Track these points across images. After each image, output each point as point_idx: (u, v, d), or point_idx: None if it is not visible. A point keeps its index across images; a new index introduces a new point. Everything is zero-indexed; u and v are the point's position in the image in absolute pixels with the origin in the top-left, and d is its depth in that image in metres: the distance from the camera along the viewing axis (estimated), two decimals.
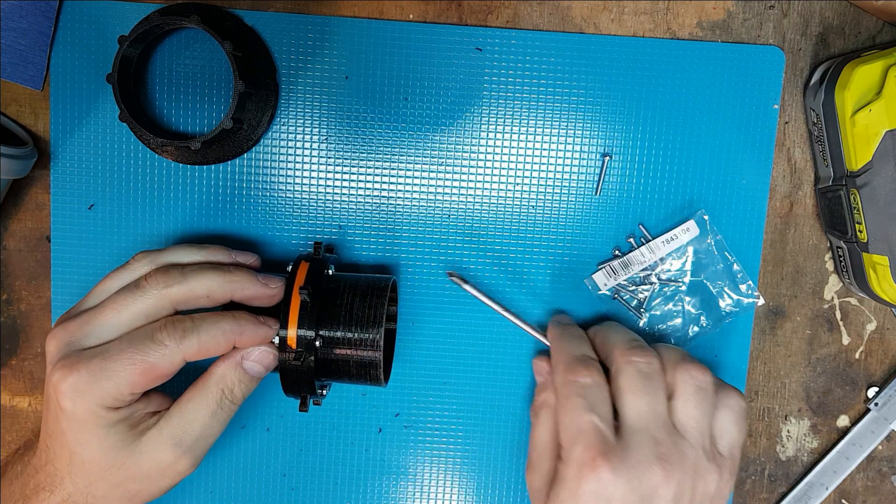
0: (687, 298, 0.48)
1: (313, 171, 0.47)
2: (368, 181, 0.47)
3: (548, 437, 0.41)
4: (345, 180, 0.47)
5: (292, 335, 0.39)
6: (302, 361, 0.39)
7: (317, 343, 0.40)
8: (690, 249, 0.47)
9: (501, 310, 0.44)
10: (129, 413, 0.37)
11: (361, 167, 0.47)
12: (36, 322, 0.48)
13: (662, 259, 0.47)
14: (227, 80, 0.46)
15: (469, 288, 0.44)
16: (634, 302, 0.48)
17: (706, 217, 0.47)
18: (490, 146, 0.47)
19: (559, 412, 0.38)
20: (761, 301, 0.48)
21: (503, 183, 0.47)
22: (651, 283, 0.48)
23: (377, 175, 0.47)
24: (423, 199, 0.47)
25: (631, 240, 0.48)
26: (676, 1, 0.46)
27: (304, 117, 0.47)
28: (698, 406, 0.38)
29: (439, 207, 0.47)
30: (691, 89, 0.46)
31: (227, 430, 0.41)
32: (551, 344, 0.43)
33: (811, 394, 0.50)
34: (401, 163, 0.47)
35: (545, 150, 0.47)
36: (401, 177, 0.47)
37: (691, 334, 0.48)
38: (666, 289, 0.48)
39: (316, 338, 0.40)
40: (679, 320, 0.48)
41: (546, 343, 0.45)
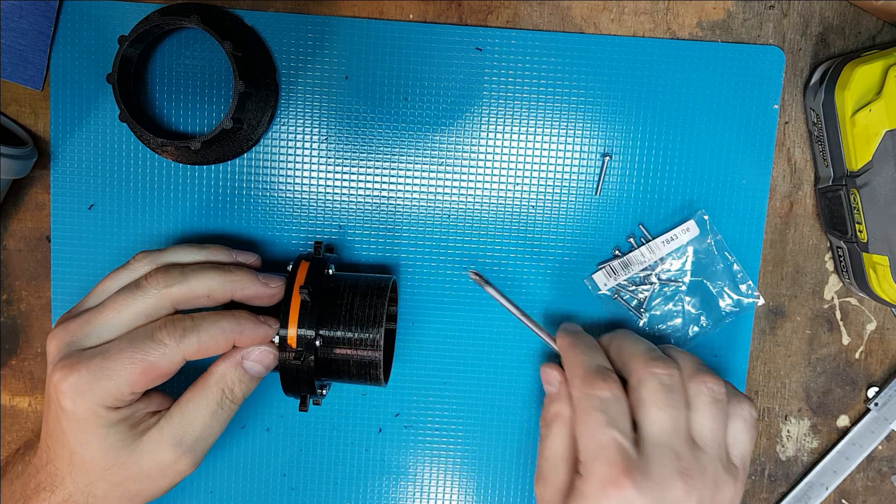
0: (687, 298, 0.48)
1: (313, 171, 0.47)
2: (368, 181, 0.47)
3: (562, 450, 0.40)
4: (345, 180, 0.47)
5: (292, 334, 0.39)
6: (302, 361, 0.39)
7: (317, 342, 0.40)
8: (690, 249, 0.47)
9: (520, 314, 0.43)
10: (130, 413, 0.37)
11: (361, 167, 0.47)
12: (36, 322, 0.48)
13: (662, 259, 0.47)
14: (227, 80, 0.46)
15: (491, 290, 0.43)
16: (634, 302, 0.48)
17: (706, 217, 0.47)
18: (490, 146, 0.47)
19: (578, 426, 0.38)
20: (761, 301, 0.48)
21: (503, 183, 0.47)
22: (651, 283, 0.48)
23: (377, 175, 0.47)
24: (423, 199, 0.47)
25: (631, 240, 0.48)
26: (676, 1, 0.46)
27: (304, 117, 0.47)
28: (715, 418, 0.38)
29: (439, 207, 0.47)
30: (691, 89, 0.46)
31: (227, 430, 0.41)
32: (564, 354, 0.42)
33: (811, 394, 0.50)
34: (401, 163, 0.47)
35: (545, 150, 0.47)
36: (401, 177, 0.47)
37: (691, 334, 0.48)
38: (666, 289, 0.48)
39: (316, 337, 0.40)
40: (679, 320, 0.48)
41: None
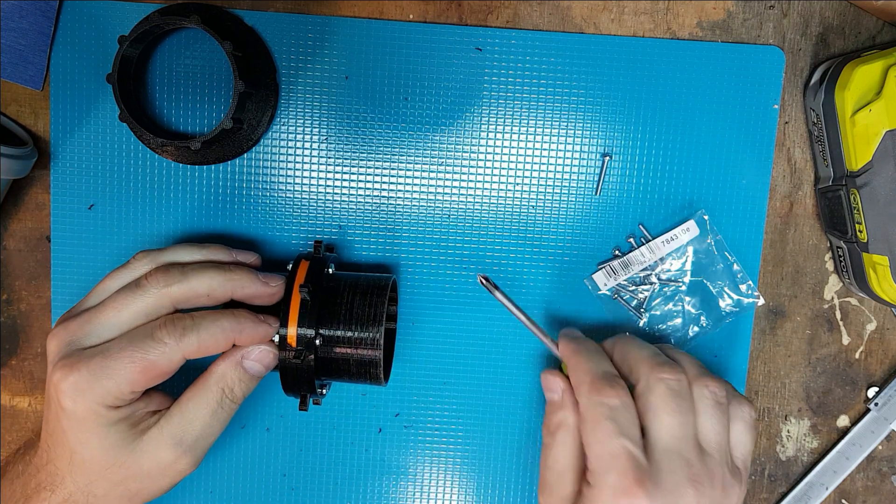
0: (687, 298, 0.48)
1: (313, 171, 0.47)
2: (368, 181, 0.47)
3: (568, 459, 0.39)
4: (345, 180, 0.47)
5: (292, 333, 0.39)
6: (302, 360, 0.39)
7: (317, 341, 0.40)
8: (690, 249, 0.47)
9: (527, 321, 0.42)
10: (130, 412, 0.37)
11: (361, 167, 0.47)
12: (36, 322, 0.48)
13: (662, 259, 0.47)
14: (227, 80, 0.46)
15: (499, 295, 0.42)
16: (634, 302, 0.48)
17: (706, 217, 0.47)
18: (490, 146, 0.47)
19: (587, 435, 0.37)
20: (761, 301, 0.48)
21: (503, 183, 0.47)
22: (651, 283, 0.48)
23: (377, 175, 0.47)
24: (423, 199, 0.47)
25: (631, 240, 0.48)
26: (676, 1, 0.46)
27: (304, 117, 0.47)
28: (719, 421, 0.38)
29: (439, 207, 0.47)
30: (691, 89, 0.46)
31: (227, 430, 0.41)
32: (569, 360, 0.41)
33: (811, 394, 0.50)
34: (401, 163, 0.47)
35: (545, 150, 0.47)
36: (401, 177, 0.47)
37: (691, 334, 0.48)
38: (666, 289, 0.48)
39: (316, 336, 0.40)
40: (679, 320, 0.48)
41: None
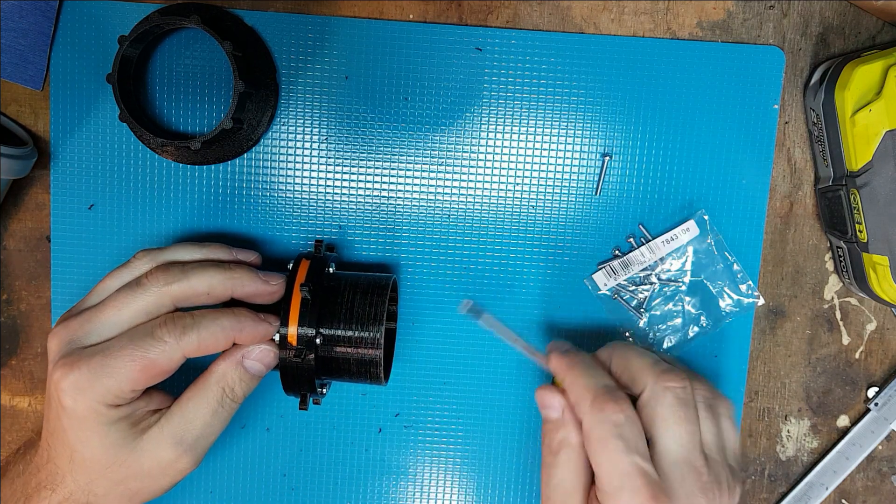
0: (687, 298, 0.48)
1: (313, 171, 0.47)
2: (368, 181, 0.47)
3: (573, 479, 0.37)
4: (345, 180, 0.47)
5: (293, 332, 0.39)
6: (302, 359, 0.39)
7: (317, 341, 0.40)
8: (690, 249, 0.47)
9: (519, 343, 0.42)
10: (131, 411, 0.37)
11: (361, 167, 0.47)
12: (36, 322, 0.48)
13: (662, 259, 0.47)
14: (227, 80, 0.46)
15: (484, 323, 0.41)
16: (634, 302, 0.48)
17: (706, 217, 0.47)
18: (490, 146, 0.47)
19: (595, 455, 0.35)
20: (761, 301, 0.48)
21: (503, 183, 0.47)
22: (651, 283, 0.48)
23: (377, 175, 0.47)
24: (423, 199, 0.47)
25: (631, 240, 0.48)
26: (676, 1, 0.46)
27: (304, 117, 0.47)
28: (714, 423, 0.38)
29: (439, 207, 0.47)
30: (691, 89, 0.46)
31: (227, 430, 0.41)
32: (565, 377, 0.39)
33: (811, 394, 0.50)
34: (401, 163, 0.47)
35: (545, 150, 0.47)
36: (401, 177, 0.47)
37: (691, 334, 0.48)
38: (666, 289, 0.48)
39: (316, 335, 0.40)
40: (679, 320, 0.48)
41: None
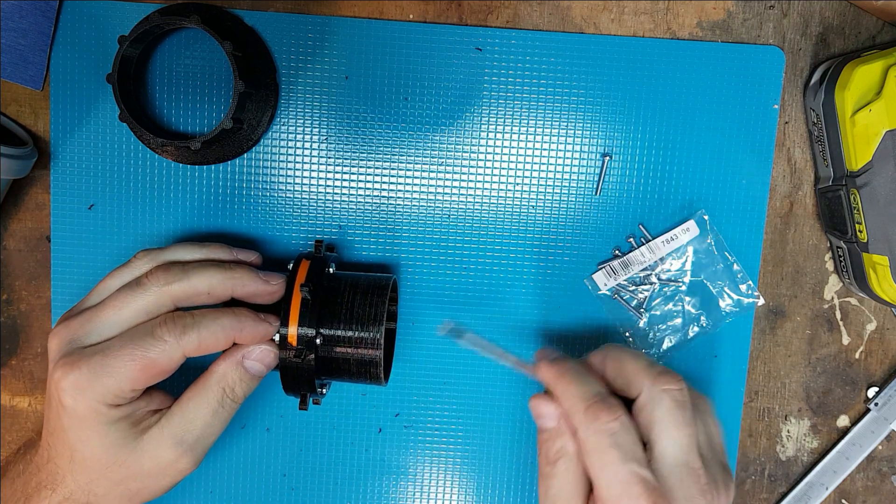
0: (687, 298, 0.48)
1: (313, 171, 0.47)
2: (368, 181, 0.47)
3: (571, 490, 0.37)
4: (345, 180, 0.47)
5: (293, 333, 0.39)
6: (302, 359, 0.39)
7: (317, 341, 0.40)
8: (690, 249, 0.47)
9: (505, 358, 0.41)
10: (131, 411, 0.37)
11: (361, 167, 0.47)
12: (36, 322, 0.48)
13: (662, 259, 0.47)
14: (227, 80, 0.46)
15: (466, 342, 0.41)
16: (634, 302, 0.48)
17: (706, 217, 0.47)
18: (490, 146, 0.47)
19: (592, 466, 0.35)
20: (761, 301, 0.48)
21: (503, 183, 0.47)
22: (651, 283, 0.48)
23: (377, 175, 0.47)
24: (423, 199, 0.47)
25: (631, 240, 0.48)
26: (676, 1, 0.46)
27: (304, 117, 0.47)
28: (703, 422, 0.37)
29: (439, 207, 0.47)
30: (691, 89, 0.46)
31: (227, 430, 0.41)
32: (555, 387, 0.38)
33: (811, 394, 0.50)
34: (401, 163, 0.47)
35: (545, 150, 0.47)
36: (401, 177, 0.47)
37: (691, 334, 0.48)
38: (666, 289, 0.48)
39: (316, 335, 0.40)
40: (679, 320, 0.48)
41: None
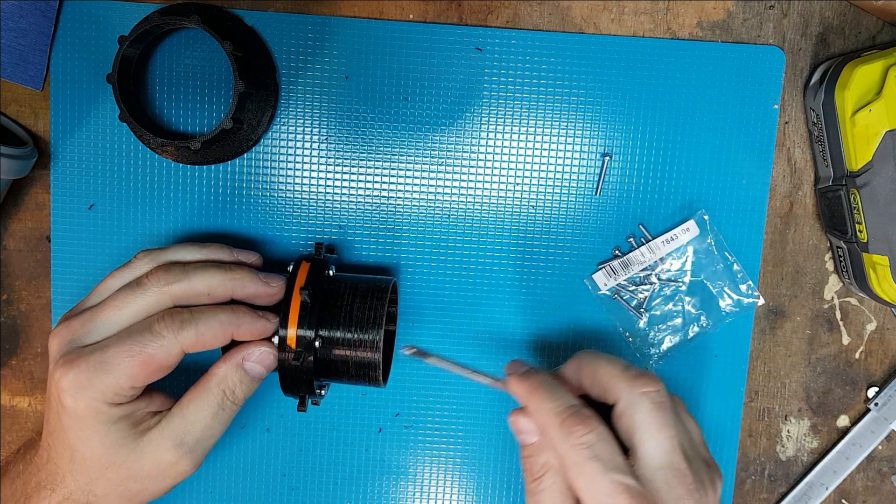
0: (687, 298, 0.48)
1: (313, 171, 0.47)
2: (368, 181, 0.47)
3: (560, 502, 0.36)
4: (345, 180, 0.47)
5: (292, 335, 0.39)
6: (301, 361, 0.39)
7: (316, 343, 0.40)
8: (690, 249, 0.47)
9: (472, 375, 0.40)
10: (131, 410, 0.37)
11: (361, 167, 0.47)
12: (36, 322, 0.48)
13: (662, 259, 0.47)
14: (227, 80, 0.46)
15: (433, 360, 0.40)
16: (634, 302, 0.48)
17: (706, 217, 0.47)
18: (490, 146, 0.47)
19: (574, 480, 0.34)
20: (761, 301, 0.48)
21: (503, 183, 0.47)
22: (651, 283, 0.48)
23: (377, 175, 0.47)
24: (423, 199, 0.47)
25: (631, 240, 0.48)
26: (676, 1, 0.46)
27: (304, 117, 0.47)
28: (681, 421, 0.37)
29: (439, 207, 0.47)
30: (691, 89, 0.46)
31: (227, 430, 0.41)
32: (528, 402, 0.37)
33: (811, 394, 0.50)
34: (401, 163, 0.47)
35: (545, 150, 0.47)
36: (401, 177, 0.47)
37: (691, 334, 0.48)
38: (666, 289, 0.48)
39: (315, 338, 0.40)
40: (679, 320, 0.48)
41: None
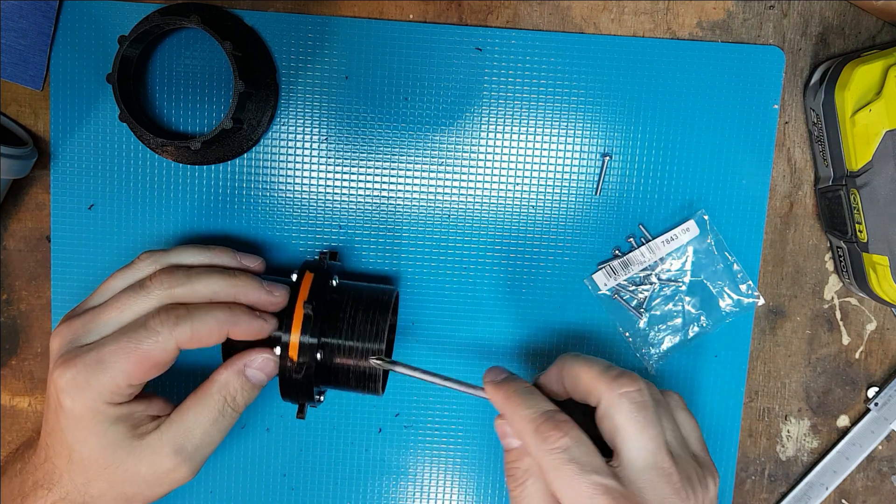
0: (687, 298, 0.48)
1: (313, 172, 0.47)
2: (369, 181, 0.47)
3: None
4: (345, 180, 0.47)
5: (294, 342, 0.39)
6: (302, 373, 0.39)
7: (318, 355, 0.39)
8: (690, 249, 0.47)
9: (446, 382, 0.39)
10: (129, 412, 0.37)
11: (361, 167, 0.47)
12: (36, 322, 0.48)
13: (662, 259, 0.47)
14: (227, 80, 0.46)
15: (399, 369, 0.40)
16: (634, 302, 0.48)
17: (706, 217, 0.47)
18: (490, 146, 0.47)
19: (553, 484, 0.34)
20: (761, 301, 0.48)
21: (503, 183, 0.47)
22: (651, 283, 0.48)
23: (377, 175, 0.47)
24: (423, 199, 0.47)
25: (631, 240, 0.48)
26: (676, 1, 0.46)
27: (304, 117, 0.47)
28: (669, 418, 0.37)
29: (439, 207, 0.47)
30: (691, 89, 0.46)
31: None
32: (504, 410, 0.37)
33: (811, 394, 0.50)
34: (401, 163, 0.47)
35: (545, 150, 0.47)
36: (401, 177, 0.47)
37: (691, 334, 0.48)
38: (666, 289, 0.48)
39: (317, 349, 0.39)
40: (679, 320, 0.48)
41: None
